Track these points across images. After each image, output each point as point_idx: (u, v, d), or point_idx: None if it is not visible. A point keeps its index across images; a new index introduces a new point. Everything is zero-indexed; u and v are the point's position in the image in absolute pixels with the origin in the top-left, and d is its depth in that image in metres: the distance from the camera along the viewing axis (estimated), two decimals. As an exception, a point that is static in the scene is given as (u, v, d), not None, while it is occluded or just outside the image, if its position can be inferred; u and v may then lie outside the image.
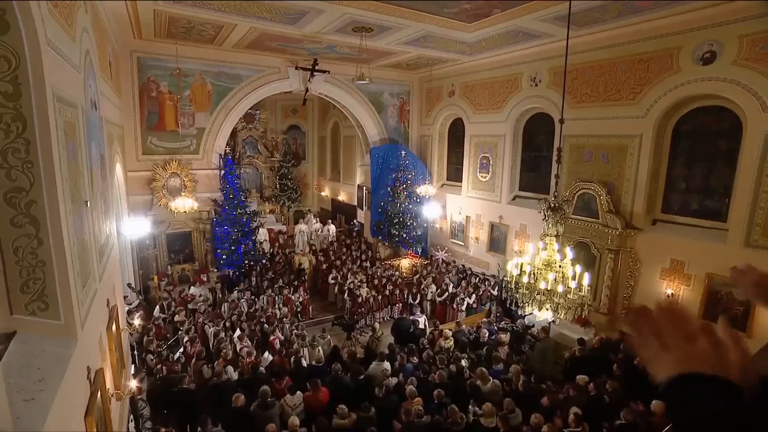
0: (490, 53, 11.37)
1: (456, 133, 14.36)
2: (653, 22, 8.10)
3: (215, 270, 12.47)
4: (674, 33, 7.99)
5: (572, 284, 5.13)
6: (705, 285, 7.76)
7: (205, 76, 11.90)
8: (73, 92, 3.61)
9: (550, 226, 5.35)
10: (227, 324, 9.62)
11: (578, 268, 5.27)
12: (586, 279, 5.09)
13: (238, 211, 12.35)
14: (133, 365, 7.29)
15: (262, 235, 15.16)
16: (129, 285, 10.11)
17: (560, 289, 5.07)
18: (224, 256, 12.16)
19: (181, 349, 8.15)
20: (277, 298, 11.23)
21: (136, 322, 7.13)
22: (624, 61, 8.92)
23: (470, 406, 6.10)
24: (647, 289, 8.65)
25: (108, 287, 4.98)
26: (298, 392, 6.44)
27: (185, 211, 11.10)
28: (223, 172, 12.33)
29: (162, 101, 11.44)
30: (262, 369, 7.43)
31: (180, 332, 8.88)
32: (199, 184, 12.10)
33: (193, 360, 7.61)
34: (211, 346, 8.44)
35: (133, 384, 5.49)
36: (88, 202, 3.74)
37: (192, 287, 11.37)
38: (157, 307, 10.02)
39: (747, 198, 7.27)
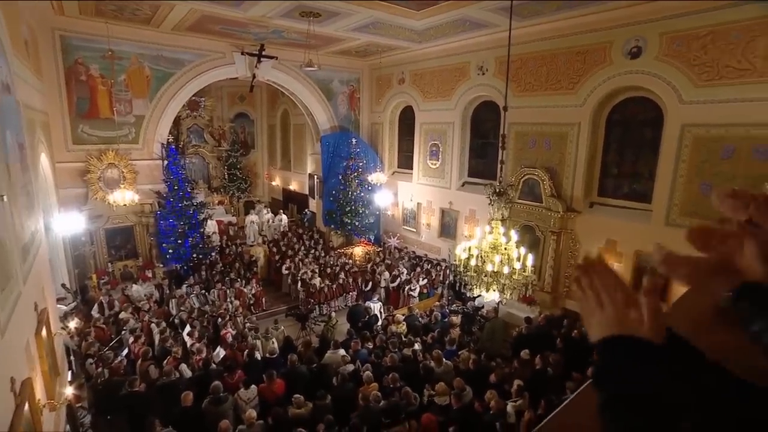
0: (438, 42, 11.51)
1: (406, 120, 14.49)
2: (588, 17, 8.56)
3: (161, 265, 11.88)
4: (606, 28, 8.50)
5: (517, 265, 5.43)
6: (633, 261, 8.48)
7: (142, 59, 11.11)
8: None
9: (496, 210, 5.59)
10: (176, 321, 9.25)
11: (522, 250, 5.57)
12: (530, 260, 5.39)
13: (184, 203, 11.79)
14: (70, 371, 6.81)
15: (211, 227, 14.60)
16: (63, 285, 9.40)
17: (506, 270, 5.34)
18: (170, 251, 11.60)
19: (126, 351, 7.74)
20: (228, 291, 10.92)
21: (72, 324, 6.66)
22: (564, 52, 9.37)
23: (425, 389, 6.31)
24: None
25: (35, 289, 4.60)
26: (253, 386, 6.36)
27: (125, 205, 10.42)
28: (166, 162, 11.66)
29: (93, 86, 10.56)
30: (214, 365, 7.25)
31: (124, 332, 8.42)
32: (140, 176, 11.38)
33: (140, 361, 7.25)
34: (156, 344, 8.07)
35: (70, 392, 5.14)
36: (4, 197, 3.41)
37: (135, 285, 10.76)
38: (95, 307, 9.41)
39: (667, 181, 7.98)
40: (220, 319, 9.11)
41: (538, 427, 0.94)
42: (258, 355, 7.74)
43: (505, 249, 5.52)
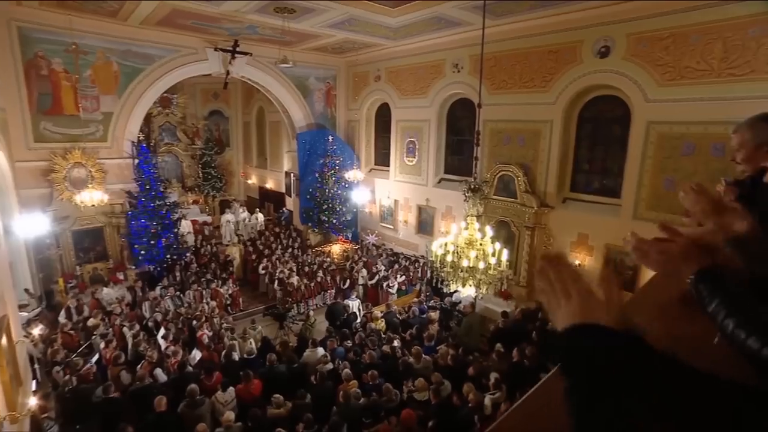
0: (414, 39, 11.56)
1: (383, 117, 14.51)
2: (559, 16, 8.77)
3: (133, 267, 11.51)
4: (577, 28, 8.73)
5: (492, 260, 5.54)
6: (604, 254, 8.78)
7: (109, 54, 10.70)
8: None
9: (471, 206, 5.68)
10: (150, 324, 9.01)
11: (497, 245, 5.69)
12: (505, 255, 5.51)
13: (157, 202, 11.45)
14: (34, 381, 6.51)
15: (186, 227, 14.27)
16: (26, 291, 9.01)
17: (481, 265, 5.44)
18: (143, 252, 11.25)
19: (96, 357, 7.47)
20: (204, 292, 10.72)
21: (36, 331, 6.38)
22: (536, 51, 9.57)
23: (405, 385, 6.35)
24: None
25: (-6, 295, 4.40)
26: (230, 387, 6.27)
27: (94, 205, 10.07)
28: (137, 161, 11.30)
29: (56, 81, 10.10)
30: (190, 367, 7.10)
31: (94, 337, 8.13)
32: (109, 175, 10.99)
33: (110, 366, 7.02)
34: (129, 349, 7.84)
35: (33, 402, 4.92)
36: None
37: (105, 288, 10.40)
38: (63, 312, 9.05)
39: (635, 177, 8.29)
40: (195, 321, 8.92)
41: (504, 415, 0.98)
42: (236, 356, 7.63)
43: (481, 245, 5.63)
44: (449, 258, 5.58)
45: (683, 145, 7.64)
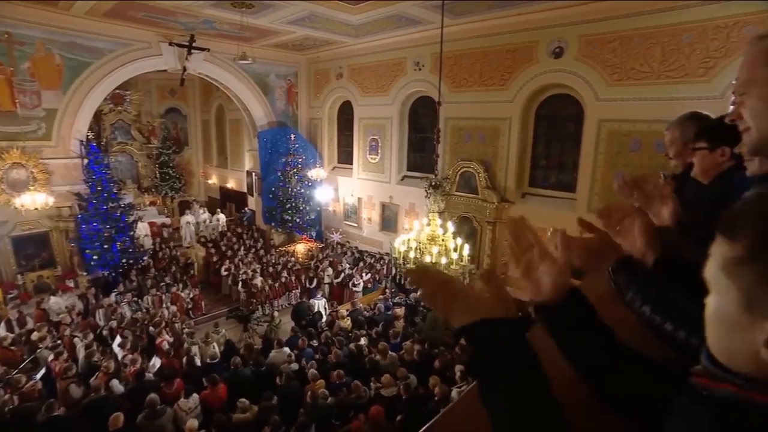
0: (375, 37, 11.57)
1: (345, 115, 14.45)
2: (516, 17, 9.03)
3: (85, 273, 10.91)
4: (532, 29, 9.03)
5: (454, 255, 5.67)
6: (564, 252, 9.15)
7: (50, 46, 9.98)
8: None
9: (433, 202, 5.78)
10: (105, 333, 8.57)
11: (459, 240, 5.82)
12: (466, 250, 5.65)
13: (110, 204, 10.90)
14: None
15: (142, 229, 13.65)
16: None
17: (443, 261, 5.56)
18: (95, 257, 10.67)
19: (42, 372, 6.97)
20: (164, 296, 10.33)
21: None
22: (495, 50, 9.82)
23: (372, 382, 6.39)
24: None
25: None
26: (194, 394, 6.08)
27: (37, 209, 9.43)
28: (86, 161, 10.69)
29: (-12, 74, 9.36)
30: (150, 375, 6.82)
31: (40, 351, 7.59)
32: (54, 176, 10.33)
33: (59, 380, 6.58)
34: (80, 360, 7.40)
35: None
36: None
37: (53, 297, 9.77)
38: (2, 325, 8.42)
39: (588, 172, 8.71)
40: (154, 327, 8.58)
41: (440, 414, 1.02)
42: (197, 361, 7.41)
43: (443, 240, 5.75)
44: (412, 254, 5.67)
45: (631, 142, 8.11)
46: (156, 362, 7.35)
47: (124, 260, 11.16)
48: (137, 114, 17.19)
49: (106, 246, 10.71)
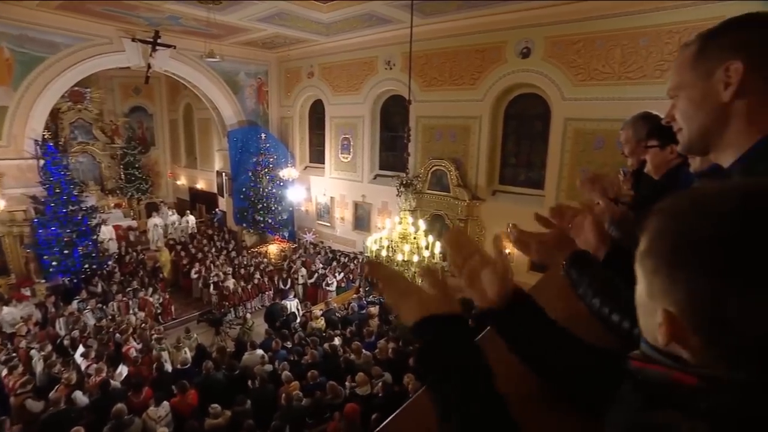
0: (346, 35, 11.52)
1: (317, 114, 14.34)
2: (485, 18, 9.17)
3: (43, 281, 10.38)
4: (501, 29, 9.21)
5: (425, 253, 5.73)
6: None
7: (-3, 38, 9.35)
8: None
9: (404, 201, 5.82)
10: (66, 342, 8.19)
11: (430, 238, 5.89)
12: (438, 247, 5.72)
13: (70, 207, 10.42)
14: None
15: (107, 233, 13.11)
16: None
17: (415, 258, 5.61)
18: (54, 263, 10.17)
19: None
20: (131, 302, 9.99)
21: None
22: (465, 50, 9.96)
23: (347, 382, 6.37)
24: (492, 251, 10.06)
25: None
26: (164, 402, 5.89)
27: (-13, 213, 8.93)
28: (42, 162, 10.18)
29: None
30: (117, 384, 6.56)
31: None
32: (6, 178, 9.77)
33: (12, 395, 6.21)
34: (38, 373, 7.02)
35: None
36: None
37: (6, 306, 9.19)
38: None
39: (555, 169, 8.98)
40: (119, 335, 8.27)
41: (395, 414, 1.03)
42: (168, 368, 7.20)
43: (414, 238, 5.80)
44: (384, 253, 5.69)
45: (595, 140, 8.41)
46: (123, 370, 7.09)
47: (86, 266, 10.70)
48: (99, 113, 16.47)
49: (66, 251, 10.23)
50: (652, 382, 0.53)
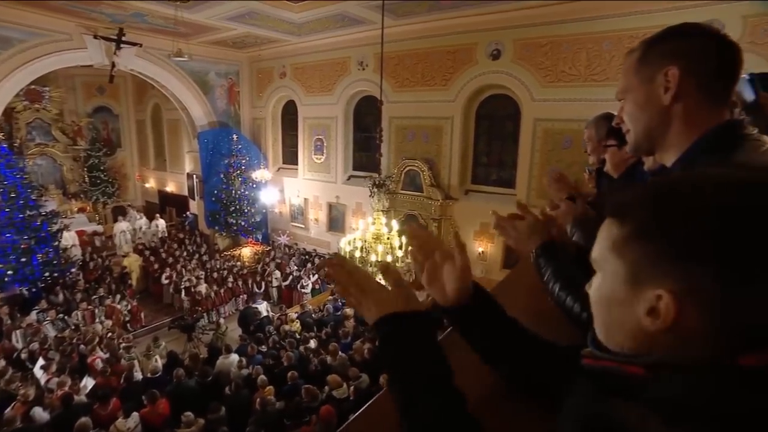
0: (319, 36, 11.44)
1: (289, 115, 14.17)
2: (456, 19, 9.28)
3: (-4, 291, 9.83)
4: (472, 31, 9.34)
5: (399, 253, 5.76)
6: (503, 241, 9.59)
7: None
8: None
9: (377, 201, 5.83)
10: (23, 356, 7.77)
11: (404, 238, 5.92)
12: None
13: (28, 212, 9.94)
14: None
15: (69, 239, 12.54)
16: None
17: (389, 258, 5.63)
18: (10, 272, 9.61)
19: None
20: (97, 310, 9.60)
21: None
22: (437, 51, 10.05)
23: (325, 384, 6.31)
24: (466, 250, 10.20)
25: None
26: (134, 413, 5.68)
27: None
28: (-6, 164, 9.67)
29: None
30: (82, 398, 6.27)
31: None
32: (-46, 182, 9.23)
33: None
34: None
35: None
36: None
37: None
38: None
39: (526, 169, 9.19)
40: (84, 345, 7.93)
41: (355, 416, 1.03)
42: (138, 377, 6.95)
43: (388, 239, 5.82)
44: (358, 254, 5.68)
45: (563, 140, 8.65)
46: (88, 383, 6.80)
47: (47, 274, 10.20)
48: (59, 113, 15.76)
49: (23, 259, 9.73)
50: (603, 375, 0.55)
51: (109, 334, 8.66)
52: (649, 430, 0.44)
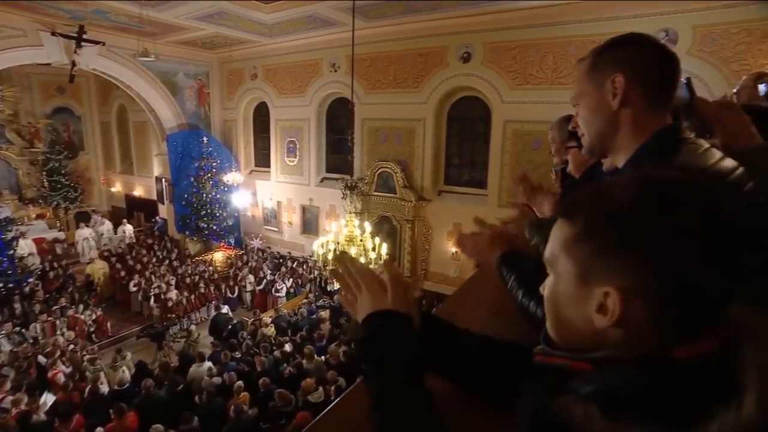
0: (290, 37, 11.32)
1: (261, 117, 13.96)
2: (428, 22, 9.38)
3: (-53, 304, 9.26)
4: (443, 34, 9.45)
5: (372, 255, 5.77)
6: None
7: None
8: None
9: (350, 203, 5.82)
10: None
11: (377, 240, 5.94)
12: (384, 248, 5.78)
13: (-22, 220, 9.39)
14: None
15: (26, 247, 11.90)
16: None
17: (362, 260, 5.62)
18: (-40, 283, 9.12)
19: None
20: (58, 321, 9.18)
21: None
22: (409, 53, 10.13)
23: (300, 388, 6.24)
24: (439, 250, 10.34)
25: None
26: (99, 429, 5.45)
27: None
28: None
29: None
30: (41, 416, 5.96)
31: None
32: None
33: None
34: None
35: None
36: None
37: None
38: None
39: (497, 169, 9.37)
40: (43, 359, 7.55)
41: (323, 414, 1.03)
42: (104, 390, 6.67)
43: (361, 240, 5.82)
44: (331, 256, 5.65)
45: (533, 141, 8.87)
46: (48, 399, 6.47)
47: (0, 285, 9.66)
48: (13, 113, 14.93)
49: (-24, 269, 9.20)
50: (554, 372, 0.57)
51: (71, 347, 8.29)
52: (594, 425, 0.46)
